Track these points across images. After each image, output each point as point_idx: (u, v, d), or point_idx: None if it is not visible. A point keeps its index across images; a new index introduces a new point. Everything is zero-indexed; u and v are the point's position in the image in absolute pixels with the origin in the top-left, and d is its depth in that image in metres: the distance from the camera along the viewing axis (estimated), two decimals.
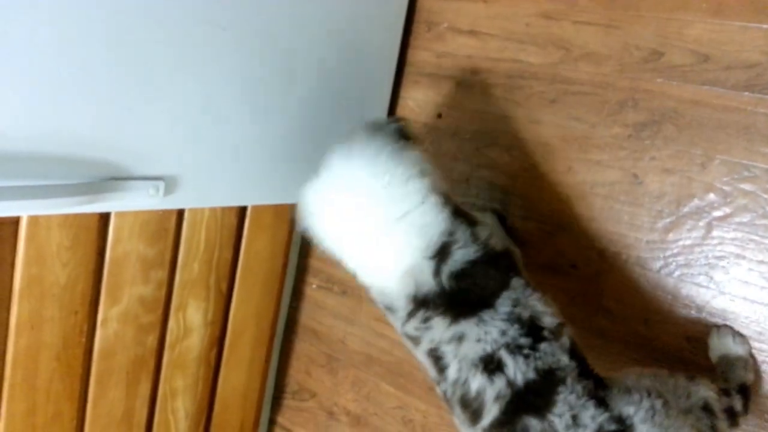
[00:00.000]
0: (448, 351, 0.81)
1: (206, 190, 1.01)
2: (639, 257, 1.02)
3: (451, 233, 0.83)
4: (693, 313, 0.98)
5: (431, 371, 0.85)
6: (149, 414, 1.19)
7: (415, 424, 1.30)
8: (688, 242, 0.98)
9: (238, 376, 1.34)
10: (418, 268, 0.83)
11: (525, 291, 0.83)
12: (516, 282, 0.83)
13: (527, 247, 1.12)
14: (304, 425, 1.49)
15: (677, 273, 0.99)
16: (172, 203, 0.98)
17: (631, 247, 1.03)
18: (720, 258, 0.96)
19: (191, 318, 1.21)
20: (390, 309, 0.88)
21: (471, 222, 0.86)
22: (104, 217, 1.04)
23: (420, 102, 1.27)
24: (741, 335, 0.93)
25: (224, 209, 1.18)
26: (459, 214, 0.86)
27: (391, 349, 1.33)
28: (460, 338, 0.79)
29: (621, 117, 1.03)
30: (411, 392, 1.30)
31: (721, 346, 0.93)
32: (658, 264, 1.00)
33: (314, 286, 1.45)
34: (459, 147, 1.22)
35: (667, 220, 0.99)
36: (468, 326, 0.79)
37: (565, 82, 1.09)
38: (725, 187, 0.95)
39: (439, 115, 1.25)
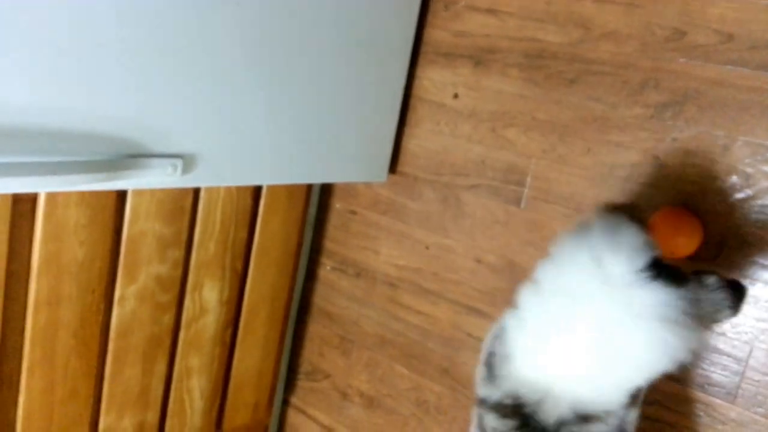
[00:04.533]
0: None
1: (223, 169, 1.01)
2: None
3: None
4: None
5: None
6: (165, 392, 1.20)
7: (429, 406, 1.30)
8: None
9: (253, 356, 1.34)
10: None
11: None
12: None
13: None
14: (317, 406, 1.50)
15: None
16: (190, 181, 0.98)
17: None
18: (741, 241, 0.94)
19: (207, 297, 1.21)
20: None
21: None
22: (121, 196, 1.05)
23: (436, 82, 1.26)
24: None
25: (239, 189, 1.18)
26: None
27: (404, 331, 1.33)
28: None
29: (642, 98, 1.02)
30: (425, 374, 1.30)
31: None
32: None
33: (328, 267, 1.45)
34: (475, 128, 1.21)
35: (689, 202, 0.98)
36: None
37: (585, 61, 1.07)
38: (748, 169, 0.93)
39: (456, 96, 1.23)
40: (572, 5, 1.08)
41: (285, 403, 1.57)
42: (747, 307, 0.94)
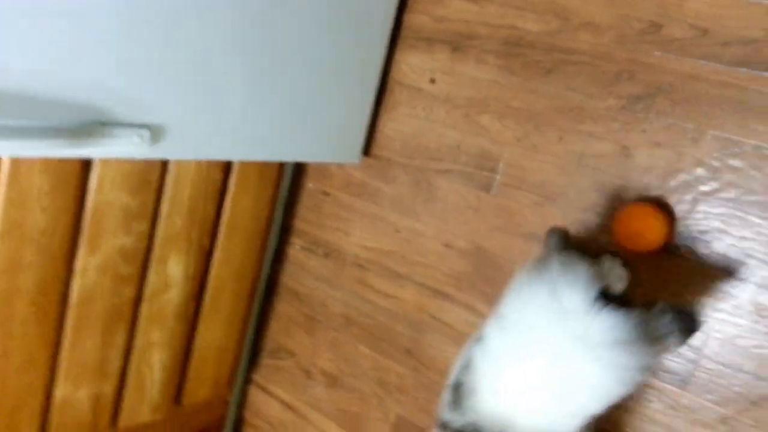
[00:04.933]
0: None
1: (192, 142, 0.99)
2: None
3: None
4: (671, 285, 1.00)
5: None
6: (123, 365, 1.19)
7: (390, 386, 1.31)
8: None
9: (216, 332, 1.33)
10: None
11: None
12: None
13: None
14: (280, 384, 1.49)
15: None
16: (157, 153, 0.96)
17: None
18: (703, 232, 0.97)
19: (171, 272, 1.19)
20: None
21: None
22: (87, 165, 1.02)
23: (414, 66, 1.26)
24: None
25: (209, 164, 1.16)
26: None
27: (371, 313, 1.33)
28: None
29: (616, 89, 1.03)
30: (389, 355, 1.31)
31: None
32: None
33: (298, 247, 1.44)
34: (450, 113, 1.21)
35: (654, 193, 1.00)
36: None
37: (562, 51, 1.08)
38: (714, 163, 0.95)
39: (432, 81, 1.23)
40: None
41: (247, 380, 1.56)
42: (704, 298, 0.97)
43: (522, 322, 0.76)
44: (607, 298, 0.73)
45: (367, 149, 1.31)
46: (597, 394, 0.73)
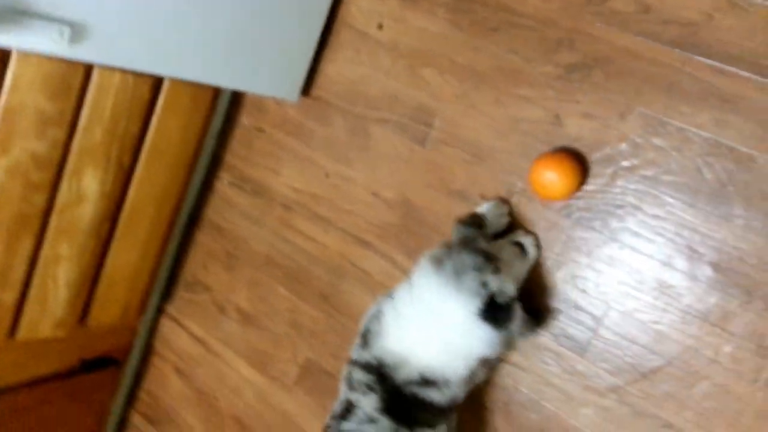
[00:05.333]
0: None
1: (118, 48, 0.94)
2: None
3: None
4: (583, 255, 1.02)
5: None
6: (27, 275, 1.14)
7: (303, 329, 1.31)
8: (591, 188, 1.01)
9: (130, 256, 1.29)
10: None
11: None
12: (440, 429, 0.98)
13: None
14: (192, 317, 1.47)
15: (576, 215, 1.02)
16: (79, 54, 0.91)
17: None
18: (618, 207, 0.99)
19: (86, 185, 1.14)
20: None
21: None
22: (3, 62, 0.96)
23: (363, 9, 1.23)
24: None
25: (137, 79, 1.11)
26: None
27: (292, 254, 1.32)
28: None
29: (556, 56, 1.03)
30: (305, 298, 1.31)
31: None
32: (560, 204, 1.03)
33: (226, 181, 1.41)
34: (394, 62, 1.20)
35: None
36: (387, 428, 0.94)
37: (509, 11, 1.08)
38: (638, 139, 0.98)
39: (380, 26, 1.21)
40: None
41: (160, 310, 1.53)
42: (611, 270, 1.00)
43: (424, 296, 0.93)
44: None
45: (306, 89, 1.29)
46: (466, 354, 0.93)
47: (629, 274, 0.99)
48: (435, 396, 0.93)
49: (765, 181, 0.90)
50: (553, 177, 0.97)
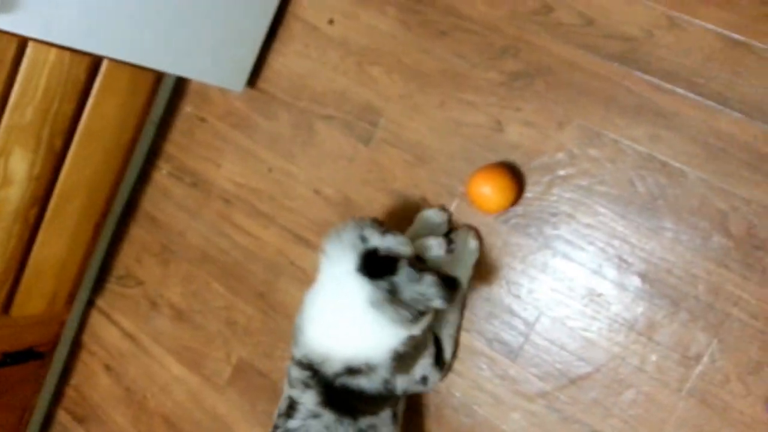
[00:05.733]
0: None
1: (51, 21, 0.90)
2: None
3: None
4: (518, 262, 1.03)
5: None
6: None
7: (237, 327, 1.28)
8: (528, 195, 1.02)
9: (58, 244, 1.24)
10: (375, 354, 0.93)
11: (387, 425, 0.98)
12: (386, 414, 0.98)
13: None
14: (123, 311, 1.42)
15: (512, 221, 1.03)
16: (7, 24, 0.86)
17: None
18: (553, 215, 1.01)
19: (14, 167, 1.09)
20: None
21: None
22: None
23: (315, 3, 1.21)
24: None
25: (73, 58, 1.06)
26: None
27: (229, 250, 1.29)
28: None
29: (500, 63, 1.04)
30: (240, 295, 1.28)
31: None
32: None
33: (164, 171, 1.37)
34: (342, 59, 1.19)
35: (519, 170, 1.03)
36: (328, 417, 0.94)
37: (458, 16, 1.08)
38: (575, 150, 0.99)
39: (331, 21, 1.20)
40: None
41: (89, 303, 1.47)
42: (545, 277, 1.01)
43: (325, 281, 0.91)
44: (373, 260, 0.86)
45: (252, 80, 1.26)
46: (375, 339, 0.90)
47: (561, 282, 1.00)
48: (365, 384, 0.92)
49: (694, 196, 0.93)
50: (488, 191, 0.98)
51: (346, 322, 0.89)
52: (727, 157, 0.91)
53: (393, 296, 0.84)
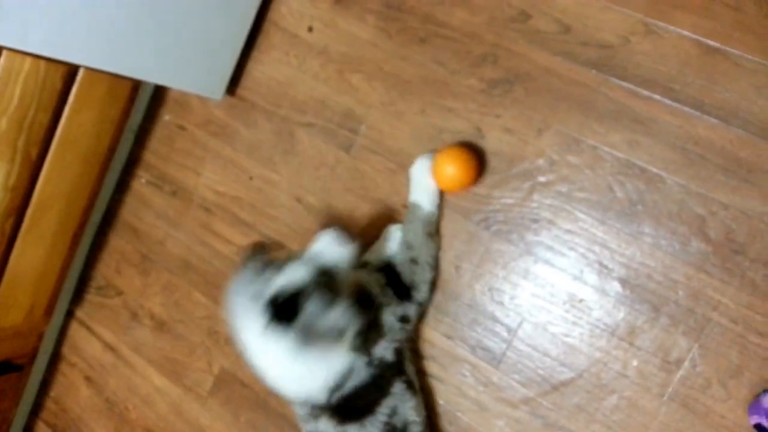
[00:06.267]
0: None
1: (27, 30, 0.88)
2: (464, 207, 1.05)
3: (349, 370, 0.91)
4: (500, 268, 1.03)
5: None
6: None
7: (219, 337, 1.27)
8: (510, 201, 1.02)
9: (36, 255, 1.22)
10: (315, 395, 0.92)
11: (404, 396, 0.96)
12: (397, 387, 0.96)
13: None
14: (103, 322, 1.40)
15: (494, 228, 1.03)
16: None
17: (459, 197, 1.06)
18: (534, 221, 1.01)
19: None
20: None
21: (370, 343, 0.93)
22: None
23: (294, 10, 1.21)
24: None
25: (49, 66, 1.05)
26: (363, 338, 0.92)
27: (211, 259, 1.28)
28: None
29: (479, 70, 1.05)
30: (222, 304, 1.27)
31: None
32: (479, 216, 1.04)
33: (143, 180, 1.36)
34: (323, 66, 1.18)
35: (497, 176, 1.03)
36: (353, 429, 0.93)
37: (437, 23, 1.08)
38: (554, 156, 0.99)
39: (310, 29, 1.19)
40: None
41: (69, 314, 1.45)
42: (526, 283, 1.01)
43: (245, 341, 0.89)
44: (278, 306, 0.84)
45: (232, 88, 1.25)
46: (321, 367, 0.89)
47: (543, 288, 1.01)
48: (356, 381, 0.91)
49: (673, 202, 0.93)
50: (451, 171, 0.98)
51: (287, 372, 0.88)
52: (705, 162, 0.91)
53: (309, 335, 0.82)
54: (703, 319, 0.91)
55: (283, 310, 0.83)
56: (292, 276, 0.84)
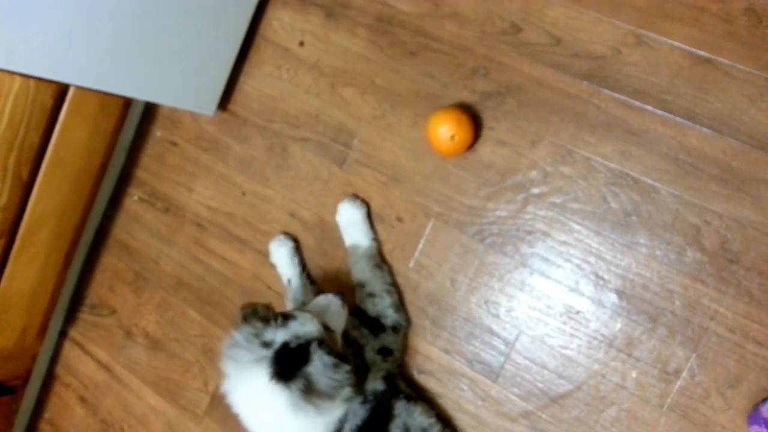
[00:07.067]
0: None
1: (15, 50, 0.88)
2: (458, 220, 1.05)
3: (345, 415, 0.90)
4: (495, 280, 1.03)
5: None
6: None
7: (214, 355, 1.25)
8: (504, 213, 1.02)
9: (28, 276, 1.21)
10: None
11: (408, 409, 0.96)
12: (399, 407, 0.95)
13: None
14: (97, 342, 1.39)
15: (489, 240, 1.03)
16: None
17: (453, 209, 1.05)
18: (529, 233, 1.00)
19: None
20: None
21: (360, 386, 0.92)
22: None
23: (285, 24, 1.21)
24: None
25: (39, 85, 1.04)
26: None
27: (204, 276, 1.27)
28: None
29: (471, 83, 1.04)
30: (217, 322, 1.25)
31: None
32: (474, 229, 1.04)
33: (135, 197, 1.35)
34: (315, 80, 1.18)
35: (491, 189, 1.03)
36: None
37: (428, 36, 1.08)
38: (548, 168, 0.99)
39: (302, 43, 1.19)
40: None
41: (62, 334, 1.43)
42: (523, 295, 1.01)
43: (239, 396, 0.86)
44: (280, 361, 0.83)
45: (223, 103, 1.25)
46: (316, 423, 0.87)
47: (539, 300, 1.00)
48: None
49: (667, 212, 0.93)
50: (445, 132, 0.98)
51: (286, 426, 0.84)
52: (698, 172, 0.91)
53: (309, 392, 0.82)
54: (701, 329, 0.91)
55: (289, 360, 0.82)
56: (301, 326, 0.85)
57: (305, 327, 0.85)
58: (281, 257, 1.15)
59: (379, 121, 1.12)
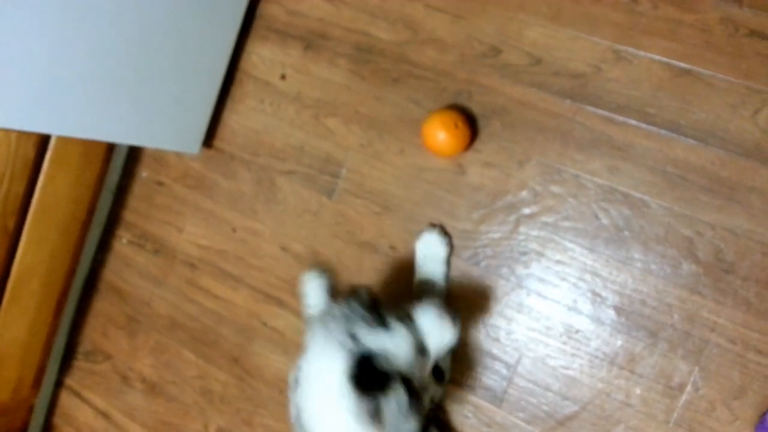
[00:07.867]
0: None
1: None
2: (452, 244, 1.04)
3: None
4: (492, 302, 1.02)
5: None
6: None
7: (213, 395, 1.23)
8: (497, 235, 1.01)
9: (19, 328, 1.19)
10: None
11: None
12: None
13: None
14: (94, 389, 1.36)
15: (484, 263, 1.02)
16: None
17: (446, 234, 1.04)
18: (523, 253, 1.00)
19: None
20: None
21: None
22: None
23: (265, 59, 1.21)
24: None
25: (20, 136, 1.04)
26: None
27: (198, 316, 1.25)
28: None
29: (455, 106, 1.04)
30: (213, 362, 1.24)
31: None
32: (468, 253, 1.03)
33: (125, 240, 1.33)
34: (298, 112, 1.18)
35: (482, 211, 1.02)
36: None
37: (409, 63, 1.08)
38: (537, 187, 0.99)
39: (283, 77, 1.19)
40: (405, 6, 1.09)
41: (58, 384, 1.41)
42: (521, 317, 1.00)
43: (309, 363, 0.81)
44: (363, 367, 0.77)
45: (208, 140, 1.24)
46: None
47: (538, 321, 0.99)
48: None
49: (659, 225, 0.93)
50: (442, 136, 0.98)
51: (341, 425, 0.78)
52: (687, 183, 0.91)
53: (375, 418, 0.75)
54: (701, 342, 0.90)
55: (371, 375, 0.75)
56: (392, 344, 0.77)
57: (394, 346, 0.77)
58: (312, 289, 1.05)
59: (366, 150, 1.12)
